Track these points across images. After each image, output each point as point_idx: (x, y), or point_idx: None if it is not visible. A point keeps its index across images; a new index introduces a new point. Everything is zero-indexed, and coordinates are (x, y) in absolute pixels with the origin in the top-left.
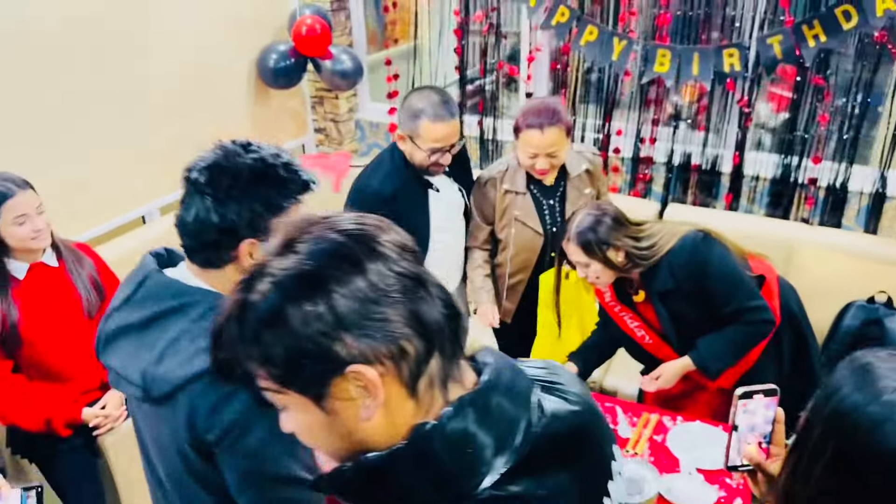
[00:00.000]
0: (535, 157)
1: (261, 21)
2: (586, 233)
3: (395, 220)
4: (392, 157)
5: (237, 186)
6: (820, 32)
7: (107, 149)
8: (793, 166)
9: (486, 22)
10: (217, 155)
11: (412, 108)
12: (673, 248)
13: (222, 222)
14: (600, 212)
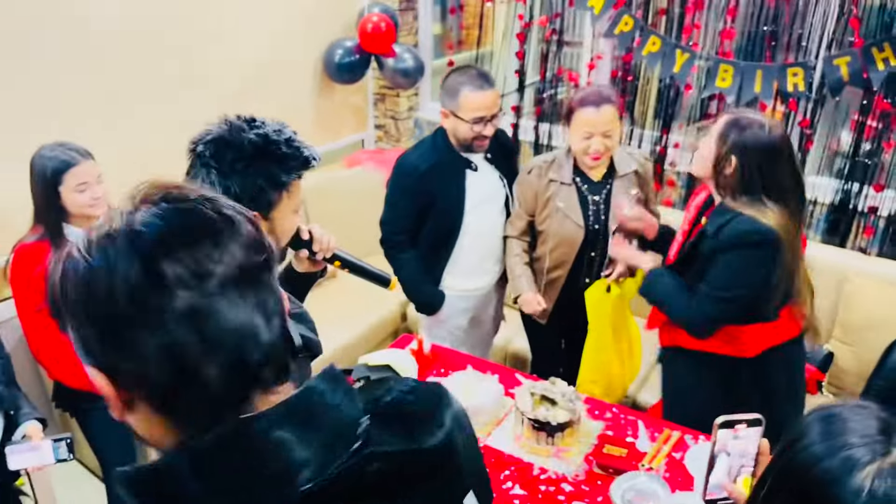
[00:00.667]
0: (591, 136)
1: (329, 17)
2: (742, 127)
3: (429, 194)
4: (434, 137)
5: (241, 160)
6: (890, 56)
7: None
8: (853, 193)
9: (549, 27)
10: (222, 129)
11: (452, 84)
12: (742, 216)
13: (226, 194)
14: (776, 132)
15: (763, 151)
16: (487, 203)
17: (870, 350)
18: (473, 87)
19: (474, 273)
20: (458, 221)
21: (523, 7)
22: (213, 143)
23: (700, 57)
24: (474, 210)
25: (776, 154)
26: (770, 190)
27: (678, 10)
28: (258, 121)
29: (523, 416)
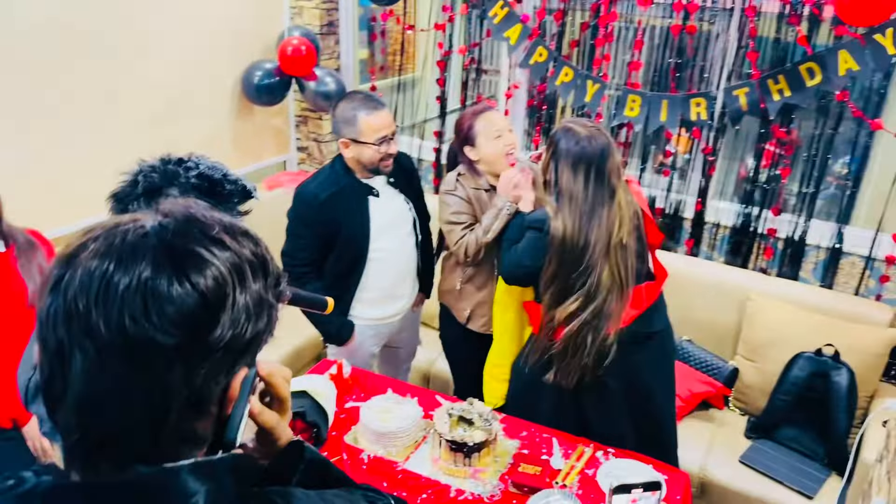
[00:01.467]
0: (500, 135)
1: (250, 38)
2: (562, 135)
3: (332, 222)
4: (333, 165)
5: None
6: (785, 87)
7: (82, 151)
8: (753, 216)
9: (468, 56)
10: (152, 179)
11: (345, 113)
12: (542, 209)
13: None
14: (595, 143)
15: (573, 162)
16: (394, 227)
17: (772, 365)
18: (369, 109)
19: (385, 300)
20: (364, 248)
21: (443, 36)
22: (146, 196)
23: (610, 87)
24: (381, 235)
25: (589, 166)
26: (565, 196)
27: (589, 43)
28: (186, 160)
29: (441, 437)
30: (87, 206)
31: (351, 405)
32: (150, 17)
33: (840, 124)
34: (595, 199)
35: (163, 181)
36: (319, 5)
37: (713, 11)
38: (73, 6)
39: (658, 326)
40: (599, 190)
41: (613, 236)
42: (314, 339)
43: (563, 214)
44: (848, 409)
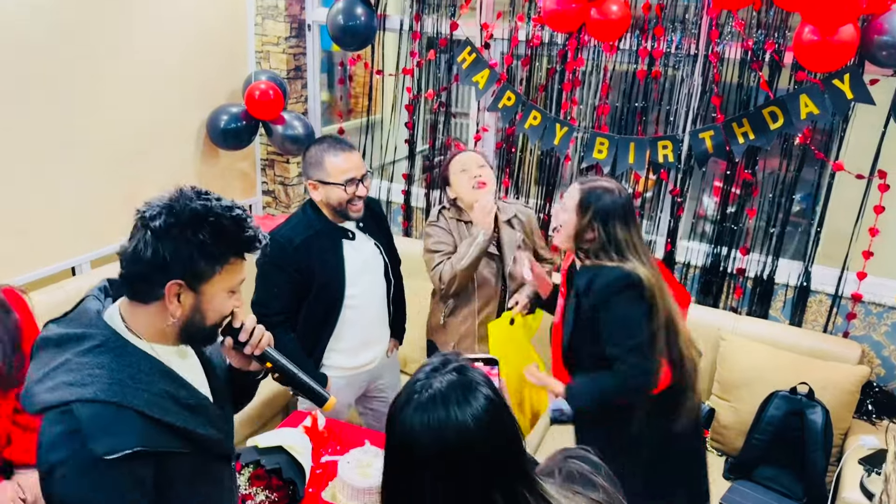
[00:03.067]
0: (467, 169)
1: (216, 82)
2: (598, 195)
3: (306, 269)
4: (304, 209)
5: (176, 225)
6: (749, 130)
7: (45, 196)
8: (722, 256)
9: (436, 100)
10: (171, 196)
11: (314, 155)
12: (606, 268)
13: (154, 257)
14: (620, 195)
15: (619, 214)
16: (367, 272)
17: (747, 405)
18: (335, 150)
19: (360, 348)
20: (339, 294)
21: (411, 80)
22: (157, 206)
23: (578, 130)
24: (355, 281)
25: (629, 214)
26: (627, 247)
27: (557, 87)
28: (211, 194)
29: None
30: (48, 251)
31: (327, 459)
32: (114, 59)
33: (803, 165)
34: (642, 241)
35: (174, 201)
36: (286, 50)
37: (677, 57)
38: (36, 48)
39: None
40: (639, 232)
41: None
42: (280, 390)
43: (636, 263)
44: (824, 447)
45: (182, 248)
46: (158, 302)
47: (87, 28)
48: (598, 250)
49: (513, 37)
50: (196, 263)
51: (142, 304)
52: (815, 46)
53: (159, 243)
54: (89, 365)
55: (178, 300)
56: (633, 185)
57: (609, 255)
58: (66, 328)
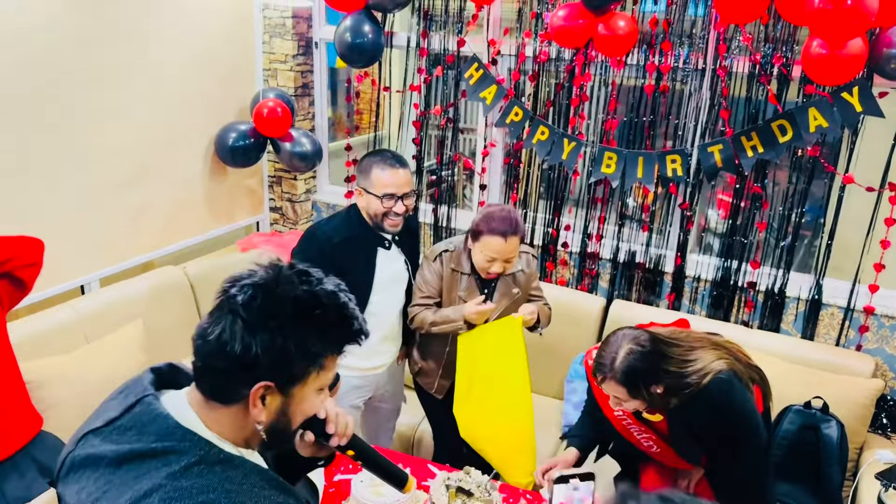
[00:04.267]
0: (494, 261)
1: (224, 100)
2: (633, 372)
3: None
4: (349, 211)
5: (275, 317)
6: (757, 144)
7: (53, 214)
8: (732, 270)
9: (443, 116)
10: (268, 275)
11: (365, 164)
12: (707, 385)
13: (244, 352)
14: (642, 345)
15: (655, 355)
16: (394, 284)
17: None
18: (385, 165)
19: (372, 354)
20: (364, 299)
21: (419, 96)
22: (251, 287)
23: (586, 145)
24: (380, 290)
25: (657, 344)
26: (685, 360)
27: (564, 102)
28: (312, 275)
29: None
30: (56, 269)
31: (340, 478)
32: (123, 77)
33: (812, 178)
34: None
35: (274, 282)
36: (294, 67)
37: (685, 72)
38: (45, 64)
39: None
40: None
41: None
42: None
43: (701, 359)
44: (840, 461)
45: (279, 344)
46: (240, 404)
47: (96, 46)
48: (675, 390)
49: (520, 53)
50: (293, 364)
51: (220, 403)
52: (823, 60)
53: (252, 337)
54: (196, 490)
55: (263, 403)
56: (642, 198)
57: (686, 383)
58: (130, 443)
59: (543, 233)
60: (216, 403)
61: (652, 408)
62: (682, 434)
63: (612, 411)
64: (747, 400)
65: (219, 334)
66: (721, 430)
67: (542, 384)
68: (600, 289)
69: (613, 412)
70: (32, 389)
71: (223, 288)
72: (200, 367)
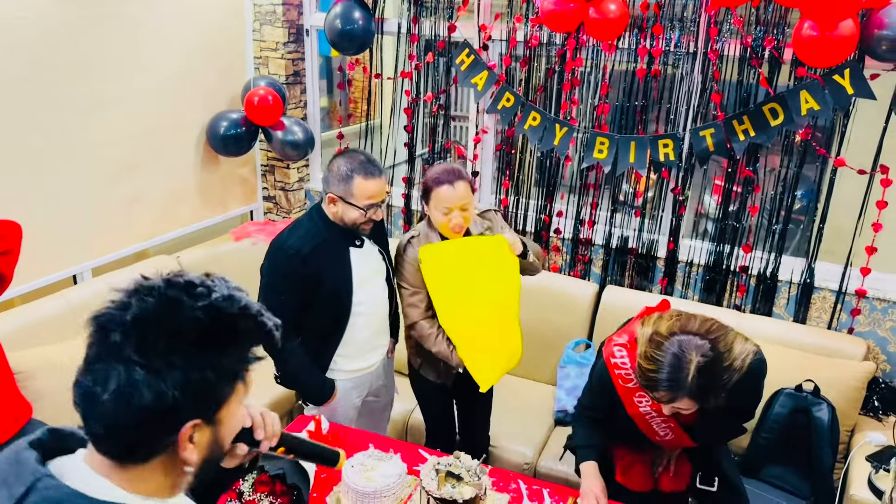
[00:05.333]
0: (450, 212)
1: (215, 89)
2: (709, 385)
3: (314, 277)
4: (311, 216)
5: (179, 352)
6: (749, 127)
7: (45, 204)
8: (725, 254)
9: (435, 102)
10: (145, 304)
11: (341, 170)
12: (748, 371)
13: (158, 401)
14: (709, 354)
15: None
16: (373, 278)
17: None
18: (366, 174)
19: (366, 352)
20: (347, 301)
21: (410, 83)
22: (133, 325)
23: (578, 130)
24: (362, 287)
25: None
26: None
27: (556, 87)
28: (199, 284)
29: (429, 495)
30: (48, 259)
31: None
32: (113, 66)
33: (804, 162)
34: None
35: (159, 309)
36: (285, 55)
37: (677, 55)
38: (36, 54)
39: None
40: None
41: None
42: (285, 395)
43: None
44: (831, 444)
45: (196, 378)
46: (164, 453)
47: (86, 35)
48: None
49: (511, 38)
50: (216, 391)
51: (139, 463)
52: (814, 42)
53: (161, 381)
54: None
55: (192, 442)
56: (635, 184)
57: (729, 373)
58: None
59: (536, 219)
60: (132, 464)
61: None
62: (713, 417)
63: (638, 408)
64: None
65: (116, 390)
66: (750, 403)
67: (534, 370)
68: (593, 274)
69: (639, 409)
70: (24, 379)
71: (97, 334)
72: (102, 433)
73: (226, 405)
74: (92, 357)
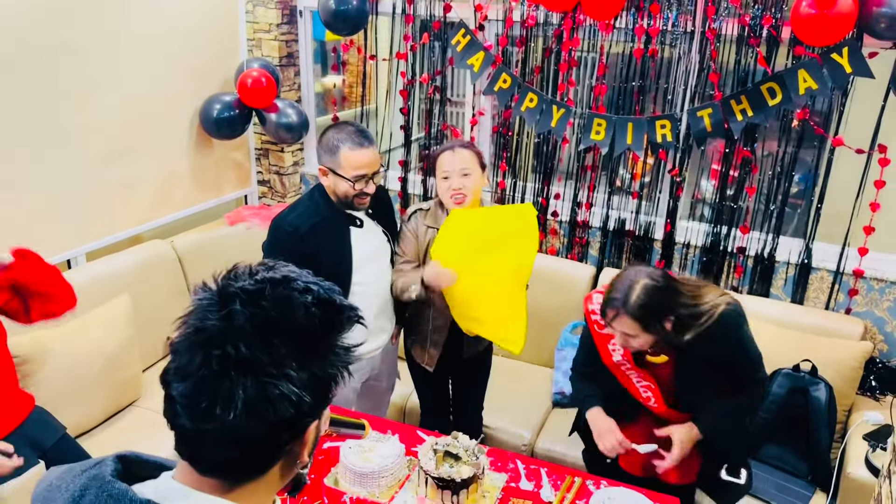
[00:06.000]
0: (448, 177)
1: (208, 71)
2: (644, 304)
3: (312, 256)
4: (312, 195)
5: (305, 351)
6: (747, 107)
7: (38, 188)
8: (722, 235)
9: (431, 84)
10: (264, 308)
11: (330, 141)
12: (721, 315)
13: (293, 409)
14: (656, 280)
15: (668, 291)
16: (374, 260)
17: None
18: (353, 144)
19: (368, 334)
20: (346, 282)
21: (405, 65)
22: (256, 335)
23: (575, 112)
24: (362, 268)
25: (669, 281)
26: (697, 295)
27: (553, 68)
28: (294, 276)
29: (427, 475)
30: (42, 243)
31: (329, 445)
32: (105, 49)
33: (802, 142)
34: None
35: (278, 312)
36: (278, 37)
37: (674, 35)
38: (26, 38)
39: None
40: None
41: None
42: None
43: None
44: (828, 424)
45: (322, 376)
46: (282, 461)
47: (77, 17)
48: (688, 323)
49: (507, 18)
50: (335, 383)
51: (257, 477)
52: (812, 20)
53: (294, 386)
54: None
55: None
56: (632, 166)
57: (699, 313)
58: None
59: (533, 202)
60: (249, 480)
61: (665, 344)
62: (689, 374)
63: (611, 357)
64: (748, 331)
65: (245, 406)
66: (732, 361)
67: (532, 352)
68: (590, 257)
69: (612, 358)
70: (20, 364)
71: (203, 350)
72: (224, 457)
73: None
74: (203, 375)
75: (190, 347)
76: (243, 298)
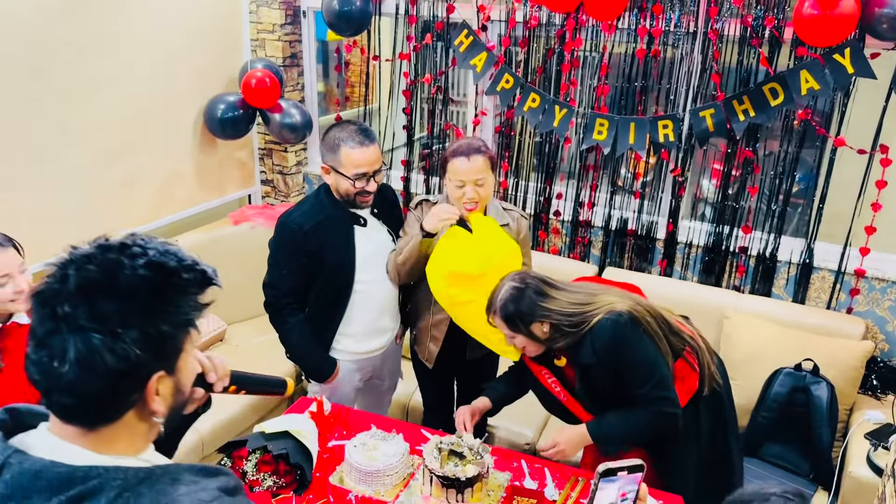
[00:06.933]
0: (463, 185)
1: (212, 72)
2: (508, 306)
3: (317, 253)
4: (318, 193)
5: (134, 310)
6: (749, 107)
7: (41, 188)
8: (724, 235)
9: (434, 84)
10: (88, 271)
11: (332, 139)
12: (596, 324)
13: (122, 361)
14: (522, 283)
15: (535, 299)
16: (378, 259)
17: (752, 382)
18: (354, 142)
19: (370, 334)
20: (349, 279)
21: (408, 65)
22: (81, 294)
23: (577, 112)
24: (365, 266)
25: (546, 287)
26: (577, 301)
27: (555, 68)
28: (131, 243)
29: (431, 473)
30: (44, 244)
31: (334, 444)
32: (109, 49)
33: (804, 142)
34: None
35: (102, 274)
36: (282, 37)
37: (676, 35)
38: (30, 37)
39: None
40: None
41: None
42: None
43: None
44: (830, 422)
45: (154, 333)
46: (132, 409)
47: (82, 17)
48: (564, 328)
49: (510, 18)
50: (174, 341)
51: (109, 423)
52: (815, 21)
53: (121, 342)
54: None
55: (158, 395)
56: (634, 166)
57: (574, 323)
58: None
59: (535, 202)
60: (103, 426)
61: (544, 343)
62: (583, 379)
63: (528, 357)
64: (644, 346)
65: (77, 360)
66: (618, 372)
67: None
68: (592, 256)
69: (528, 358)
70: None
71: (42, 310)
72: (72, 403)
73: (183, 353)
74: (42, 333)
75: (33, 308)
76: (77, 264)
